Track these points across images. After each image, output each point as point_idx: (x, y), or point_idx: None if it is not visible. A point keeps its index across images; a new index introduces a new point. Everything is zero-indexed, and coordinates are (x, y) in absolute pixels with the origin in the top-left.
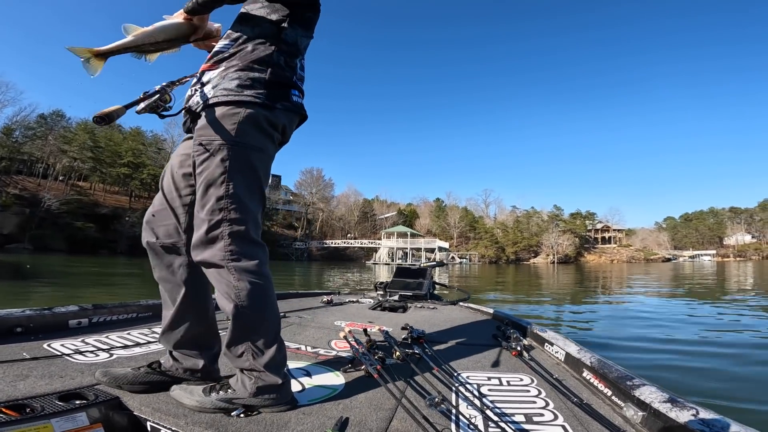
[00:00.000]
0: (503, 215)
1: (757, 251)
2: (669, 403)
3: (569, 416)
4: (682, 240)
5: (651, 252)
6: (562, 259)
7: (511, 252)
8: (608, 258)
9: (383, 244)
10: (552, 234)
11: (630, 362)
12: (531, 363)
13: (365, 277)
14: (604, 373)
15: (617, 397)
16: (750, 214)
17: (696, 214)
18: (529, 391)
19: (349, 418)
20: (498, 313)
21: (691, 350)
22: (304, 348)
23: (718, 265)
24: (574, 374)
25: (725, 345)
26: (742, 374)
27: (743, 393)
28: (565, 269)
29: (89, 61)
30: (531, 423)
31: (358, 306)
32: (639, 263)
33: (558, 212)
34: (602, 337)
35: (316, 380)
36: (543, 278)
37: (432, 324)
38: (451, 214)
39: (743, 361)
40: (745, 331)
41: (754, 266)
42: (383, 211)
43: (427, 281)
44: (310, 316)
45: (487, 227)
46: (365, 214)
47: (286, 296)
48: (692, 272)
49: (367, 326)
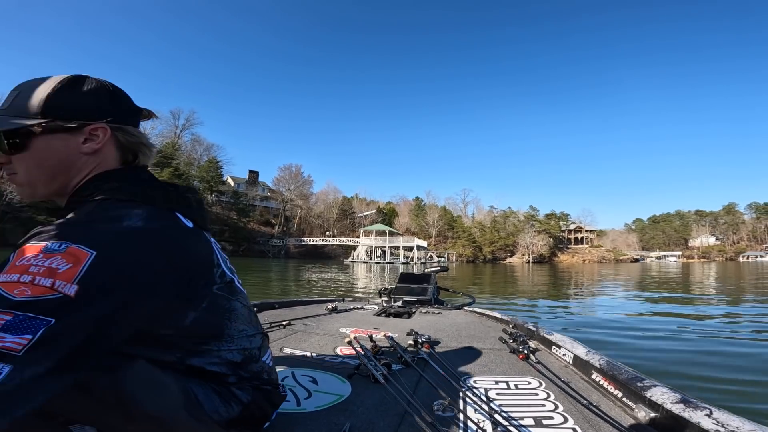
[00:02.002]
0: (481, 215)
1: (721, 253)
2: (681, 403)
3: (579, 419)
4: (650, 241)
5: (620, 253)
6: (537, 258)
7: (488, 251)
8: (580, 258)
9: (362, 242)
10: (528, 234)
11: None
12: (538, 366)
13: (342, 279)
14: (614, 374)
15: (628, 398)
16: (714, 217)
17: (663, 217)
18: (538, 394)
19: (356, 424)
20: (504, 317)
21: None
22: (310, 355)
23: (683, 266)
24: (582, 376)
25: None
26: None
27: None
28: (539, 269)
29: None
30: (540, 426)
31: (362, 312)
32: (609, 263)
33: (534, 213)
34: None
35: (323, 387)
36: (519, 278)
37: (437, 329)
38: (430, 213)
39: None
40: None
41: (717, 267)
42: (362, 209)
43: (432, 286)
44: (315, 323)
45: (465, 226)
46: (344, 211)
47: (290, 304)
48: (659, 272)
49: (373, 332)
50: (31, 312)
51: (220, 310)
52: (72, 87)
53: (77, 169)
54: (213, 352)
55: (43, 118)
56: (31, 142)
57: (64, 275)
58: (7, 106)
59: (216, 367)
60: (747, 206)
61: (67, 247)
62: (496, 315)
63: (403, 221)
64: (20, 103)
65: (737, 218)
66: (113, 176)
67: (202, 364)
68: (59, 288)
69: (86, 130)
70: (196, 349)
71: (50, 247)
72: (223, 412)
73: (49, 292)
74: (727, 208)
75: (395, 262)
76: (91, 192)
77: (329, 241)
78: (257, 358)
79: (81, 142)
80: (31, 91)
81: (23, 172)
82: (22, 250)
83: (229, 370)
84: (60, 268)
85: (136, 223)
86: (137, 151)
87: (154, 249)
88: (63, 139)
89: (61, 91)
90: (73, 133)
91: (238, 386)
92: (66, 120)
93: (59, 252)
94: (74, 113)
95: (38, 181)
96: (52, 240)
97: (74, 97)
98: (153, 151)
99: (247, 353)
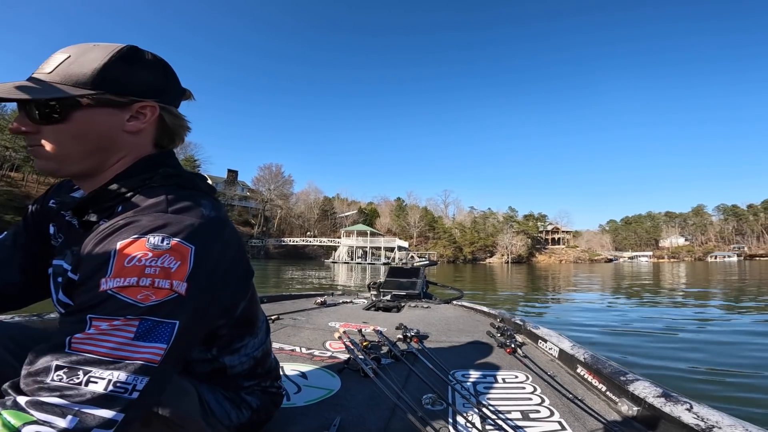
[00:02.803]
0: (461, 216)
1: (690, 253)
2: (663, 397)
3: (565, 412)
4: (623, 242)
5: (595, 253)
6: (516, 259)
7: (468, 252)
8: (557, 258)
9: (343, 243)
10: (507, 235)
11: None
12: (525, 360)
13: (322, 276)
14: (598, 368)
15: (612, 392)
16: (684, 218)
17: (635, 218)
18: (525, 388)
19: (346, 418)
20: (492, 311)
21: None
22: (299, 349)
23: (654, 266)
24: (568, 370)
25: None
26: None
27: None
28: (518, 269)
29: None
30: (527, 420)
31: (352, 306)
32: (584, 263)
33: (513, 213)
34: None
35: (312, 381)
36: (498, 278)
37: (426, 323)
38: (412, 214)
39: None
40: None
41: (686, 267)
42: (344, 210)
43: (420, 280)
44: (304, 318)
45: (445, 227)
46: (325, 212)
47: (279, 298)
48: (631, 272)
49: (362, 326)
50: (158, 316)
51: (254, 299)
52: (128, 59)
53: (116, 149)
54: (243, 348)
55: (93, 90)
56: (73, 114)
57: (178, 274)
58: (51, 71)
59: (239, 368)
60: (715, 208)
61: (170, 243)
62: (484, 309)
63: (385, 222)
64: (69, 69)
65: (705, 219)
66: (162, 160)
67: (232, 362)
68: (176, 288)
69: (134, 107)
70: (232, 346)
71: (156, 244)
72: (234, 418)
73: (170, 293)
74: (695, 209)
75: (376, 263)
76: (144, 177)
77: (310, 241)
78: (270, 353)
79: (126, 119)
80: (83, 57)
81: (55, 144)
82: (124, 248)
83: (249, 370)
84: (172, 267)
85: (210, 213)
86: (175, 135)
87: (229, 238)
88: (108, 114)
89: (116, 62)
90: (120, 109)
91: (248, 391)
92: (117, 94)
93: (166, 249)
94: (126, 88)
95: (71, 156)
96: (151, 233)
97: (129, 71)
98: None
99: (265, 348)
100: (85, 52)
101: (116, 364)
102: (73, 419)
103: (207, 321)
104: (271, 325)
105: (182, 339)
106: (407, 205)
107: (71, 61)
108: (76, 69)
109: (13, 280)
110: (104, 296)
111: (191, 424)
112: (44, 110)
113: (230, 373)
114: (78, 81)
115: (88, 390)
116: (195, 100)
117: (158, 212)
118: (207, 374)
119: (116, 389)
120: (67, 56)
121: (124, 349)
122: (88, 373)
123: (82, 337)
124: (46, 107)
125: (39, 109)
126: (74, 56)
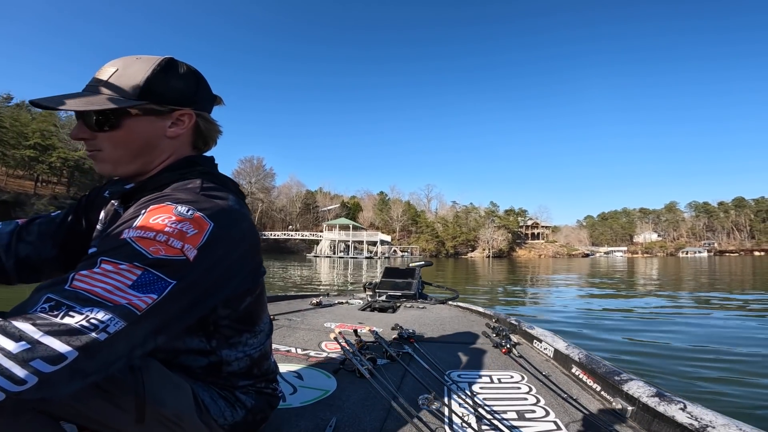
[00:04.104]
0: (444, 210)
1: (662, 248)
2: (657, 397)
3: (560, 412)
4: (599, 237)
5: (573, 248)
6: (497, 253)
7: (451, 246)
8: (537, 253)
9: (325, 237)
10: (488, 229)
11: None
12: (520, 360)
13: (305, 275)
14: (593, 368)
15: (606, 392)
16: (657, 214)
17: (611, 214)
18: (520, 388)
19: (342, 419)
20: (487, 311)
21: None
22: (295, 350)
23: (628, 261)
24: (563, 370)
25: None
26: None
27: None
28: (499, 263)
29: None
30: (523, 420)
31: (347, 307)
32: (563, 258)
33: (494, 208)
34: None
35: (308, 382)
36: (480, 273)
37: (422, 323)
38: (394, 208)
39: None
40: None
41: (658, 262)
42: (326, 203)
43: (416, 281)
44: (299, 318)
45: (428, 221)
46: (307, 205)
47: (274, 299)
48: (607, 267)
49: (357, 327)
50: (161, 272)
51: (261, 299)
52: (167, 71)
53: (159, 152)
54: (241, 345)
55: (140, 101)
56: (123, 122)
57: (192, 240)
58: (103, 83)
59: (236, 365)
60: (687, 205)
61: (193, 214)
62: (480, 309)
63: (368, 216)
64: (118, 82)
65: (677, 216)
66: (200, 161)
67: (228, 357)
68: (186, 251)
69: (174, 114)
70: (230, 340)
71: (181, 212)
72: (228, 416)
73: (179, 253)
74: (668, 206)
75: (359, 257)
76: (184, 172)
77: (291, 235)
78: (268, 355)
79: (167, 126)
80: (128, 69)
81: (110, 149)
82: (155, 209)
83: (245, 369)
84: (189, 232)
85: (234, 205)
86: (209, 138)
87: (246, 231)
88: (151, 122)
89: (157, 74)
90: (161, 117)
91: (243, 390)
92: (159, 104)
93: (188, 218)
94: (166, 98)
95: (123, 159)
96: (179, 204)
97: (168, 82)
98: (218, 137)
99: (263, 350)
100: (129, 65)
101: (102, 304)
102: (22, 345)
103: (201, 302)
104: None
105: (172, 302)
106: (390, 199)
107: (120, 74)
108: (125, 82)
109: (47, 255)
110: (122, 242)
111: (186, 421)
112: (100, 119)
113: (226, 371)
114: (127, 93)
115: (58, 321)
116: (225, 105)
117: (191, 192)
118: (203, 369)
119: (87, 325)
120: (115, 69)
121: (116, 293)
122: (71, 309)
123: (85, 274)
124: (102, 117)
125: (95, 118)
126: (121, 69)
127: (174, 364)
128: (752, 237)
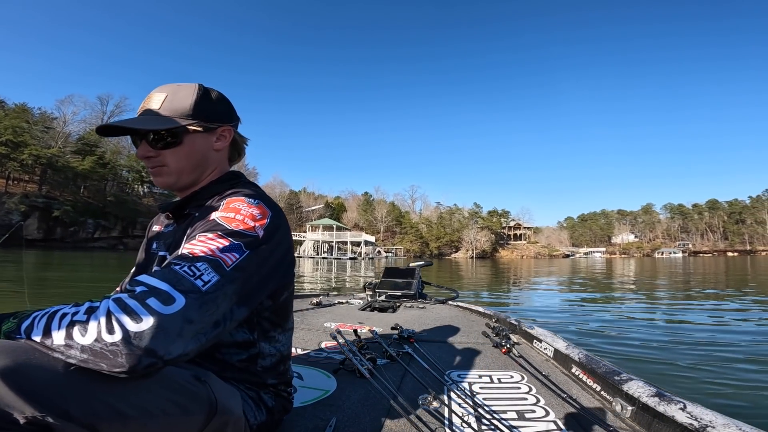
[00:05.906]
0: (428, 211)
1: (639, 249)
2: (657, 397)
3: (560, 412)
4: (579, 238)
5: (554, 249)
6: (480, 254)
7: (435, 247)
8: (519, 254)
9: (308, 237)
10: (472, 230)
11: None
12: (520, 360)
13: None
14: (592, 368)
15: (606, 392)
16: (634, 216)
17: (590, 215)
18: (520, 388)
19: (342, 419)
20: (487, 311)
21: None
22: (295, 350)
23: (607, 261)
24: (563, 370)
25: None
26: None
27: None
28: (482, 264)
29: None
30: (523, 419)
31: (347, 307)
32: (544, 259)
33: (477, 210)
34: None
35: (308, 382)
36: (463, 273)
37: (421, 323)
38: (379, 209)
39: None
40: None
41: (635, 262)
42: (310, 204)
43: (416, 281)
44: (299, 318)
45: (412, 222)
46: (291, 206)
47: None
48: (587, 267)
49: (357, 327)
50: (240, 241)
51: (292, 297)
52: (207, 94)
53: (210, 163)
54: (274, 340)
55: (194, 119)
56: (184, 139)
57: (260, 221)
58: (159, 107)
59: (269, 360)
60: (662, 207)
61: (259, 203)
62: (479, 309)
63: (352, 216)
64: (172, 105)
65: (654, 218)
66: (240, 175)
67: (264, 351)
68: (257, 229)
69: (218, 131)
70: (268, 334)
71: (250, 201)
72: (258, 416)
73: (251, 229)
74: (645, 208)
75: (342, 257)
76: (233, 182)
77: None
78: (290, 356)
79: (214, 140)
80: (177, 94)
81: (174, 163)
82: (232, 200)
83: (274, 365)
84: (257, 216)
85: (275, 206)
86: (241, 150)
87: (288, 229)
88: (204, 138)
89: (202, 97)
90: (210, 133)
91: (266, 391)
92: (208, 122)
93: (256, 205)
94: (212, 116)
95: (185, 170)
96: (248, 196)
97: (211, 104)
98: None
99: (287, 349)
100: (176, 91)
101: (199, 258)
102: (141, 288)
103: (267, 280)
104: None
105: (249, 268)
106: (374, 199)
107: (171, 98)
108: (178, 104)
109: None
110: (212, 222)
111: (234, 424)
112: (165, 138)
113: (260, 365)
114: (182, 113)
115: (167, 271)
116: (242, 122)
117: (253, 189)
118: (240, 363)
119: (189, 272)
120: (166, 95)
121: (209, 253)
122: (175, 264)
123: (187, 246)
124: (167, 135)
125: (159, 137)
126: (170, 95)
127: (212, 359)
128: (725, 238)
